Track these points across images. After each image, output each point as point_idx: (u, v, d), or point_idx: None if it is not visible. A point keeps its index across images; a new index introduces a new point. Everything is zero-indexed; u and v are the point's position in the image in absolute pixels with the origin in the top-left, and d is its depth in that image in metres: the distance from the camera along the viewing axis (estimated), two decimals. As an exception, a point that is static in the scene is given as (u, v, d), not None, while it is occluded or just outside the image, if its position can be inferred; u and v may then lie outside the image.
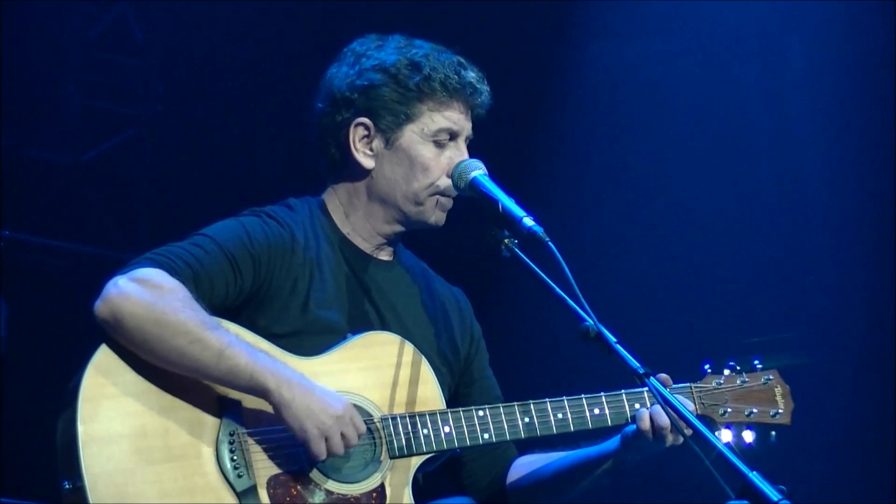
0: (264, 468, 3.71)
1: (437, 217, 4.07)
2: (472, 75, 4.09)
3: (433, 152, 4.04)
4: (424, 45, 4.11)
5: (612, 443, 4.02)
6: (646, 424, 3.90)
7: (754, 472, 3.19)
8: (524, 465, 4.17)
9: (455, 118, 4.06)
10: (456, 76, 4.06)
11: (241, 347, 3.68)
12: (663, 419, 3.88)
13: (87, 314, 3.74)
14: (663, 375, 3.98)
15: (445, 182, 4.02)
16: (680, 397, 3.92)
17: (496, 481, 4.18)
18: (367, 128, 4.05)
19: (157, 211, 7.63)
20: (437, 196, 4.04)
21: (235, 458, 3.69)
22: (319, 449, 3.69)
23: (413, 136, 4.03)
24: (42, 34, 7.33)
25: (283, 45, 7.61)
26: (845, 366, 7.35)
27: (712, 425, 4.05)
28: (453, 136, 4.06)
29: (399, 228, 4.10)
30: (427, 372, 3.96)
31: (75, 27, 7.52)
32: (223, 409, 3.73)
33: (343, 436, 3.70)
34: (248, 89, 7.62)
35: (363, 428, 3.75)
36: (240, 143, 7.64)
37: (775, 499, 3.13)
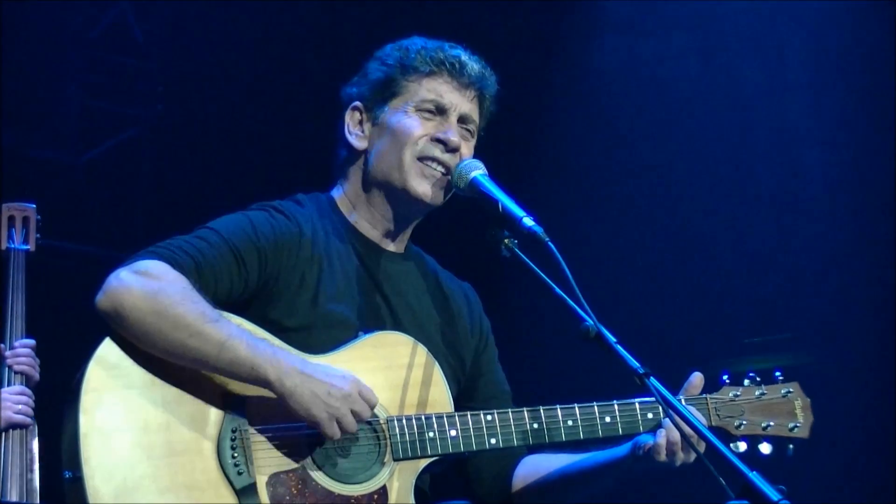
0: (265, 466, 3.70)
1: (423, 188, 4.00)
2: (459, 52, 4.07)
3: (416, 122, 4.01)
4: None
5: (622, 450, 3.97)
6: (661, 439, 3.84)
7: (754, 472, 3.18)
8: (531, 465, 4.13)
9: (440, 90, 4.03)
10: (439, 50, 4.05)
11: (241, 338, 3.66)
12: (675, 434, 3.82)
13: (88, 314, 3.74)
14: (697, 374, 3.99)
15: (426, 145, 3.99)
16: (691, 408, 3.87)
17: (501, 478, 4.13)
18: (360, 112, 4.08)
19: (157, 211, 7.61)
20: (421, 162, 3.99)
21: (236, 454, 3.67)
22: (332, 431, 3.67)
23: (397, 110, 4.03)
24: (42, 34, 7.32)
25: (283, 45, 7.61)
26: (845, 365, 7.34)
27: (727, 437, 3.99)
28: (440, 109, 4.03)
29: (398, 207, 4.04)
30: (438, 374, 3.92)
31: (75, 27, 7.50)
32: (227, 404, 3.71)
33: (354, 412, 3.68)
34: (247, 89, 7.61)
35: (374, 399, 3.73)
36: (240, 143, 7.63)
37: (775, 499, 3.13)
